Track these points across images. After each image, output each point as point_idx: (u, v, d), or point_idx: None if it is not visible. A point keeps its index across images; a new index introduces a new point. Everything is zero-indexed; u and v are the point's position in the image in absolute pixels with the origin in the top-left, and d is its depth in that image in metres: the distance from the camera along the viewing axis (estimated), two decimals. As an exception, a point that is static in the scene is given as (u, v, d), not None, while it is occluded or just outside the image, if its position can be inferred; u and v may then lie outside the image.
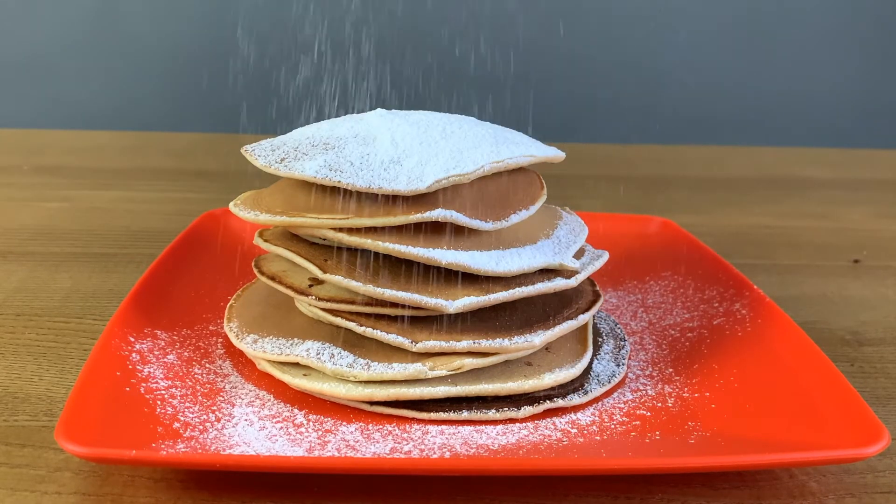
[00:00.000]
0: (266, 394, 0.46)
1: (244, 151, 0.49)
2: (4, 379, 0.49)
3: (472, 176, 0.44)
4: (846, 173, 1.10)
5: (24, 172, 0.96)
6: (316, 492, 0.40)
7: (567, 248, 0.48)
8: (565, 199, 0.60)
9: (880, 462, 0.43)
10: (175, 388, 0.45)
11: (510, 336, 0.45)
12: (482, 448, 0.42)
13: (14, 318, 0.57)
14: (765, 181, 1.05)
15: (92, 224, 0.78)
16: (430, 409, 0.44)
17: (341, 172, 0.44)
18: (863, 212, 0.92)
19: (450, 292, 0.44)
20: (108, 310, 0.57)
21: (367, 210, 0.44)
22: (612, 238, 0.62)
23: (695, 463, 0.41)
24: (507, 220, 0.46)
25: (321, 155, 0.45)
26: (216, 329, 0.53)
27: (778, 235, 0.83)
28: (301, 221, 0.45)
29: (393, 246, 0.43)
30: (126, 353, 0.47)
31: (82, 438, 0.37)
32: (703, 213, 0.89)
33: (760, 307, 0.54)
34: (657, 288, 0.62)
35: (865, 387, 0.52)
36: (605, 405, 0.47)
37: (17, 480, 0.40)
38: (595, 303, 0.50)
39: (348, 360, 0.45)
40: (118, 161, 1.04)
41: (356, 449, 0.41)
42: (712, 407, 0.46)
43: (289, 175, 0.45)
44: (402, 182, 0.43)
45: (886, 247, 0.80)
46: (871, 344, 0.58)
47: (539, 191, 0.49)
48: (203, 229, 0.66)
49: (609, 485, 0.41)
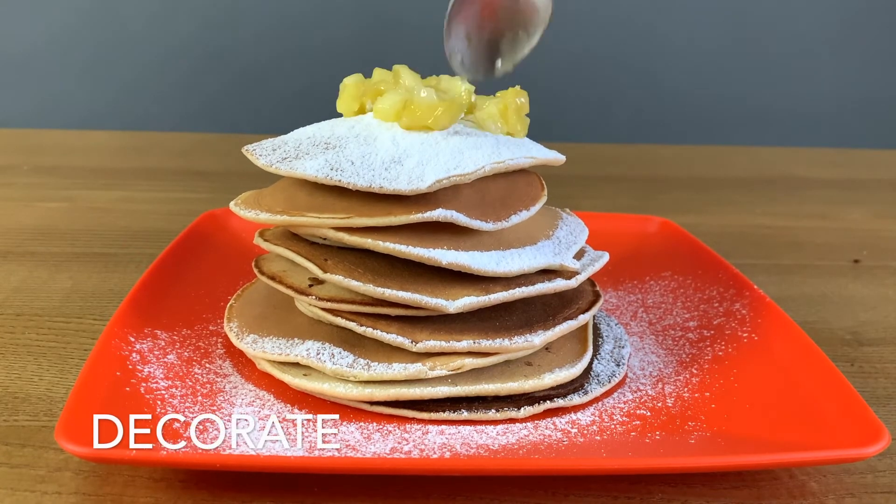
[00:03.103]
0: (266, 394, 0.46)
1: (245, 151, 0.49)
2: (4, 379, 0.49)
3: (472, 176, 0.44)
4: (846, 173, 1.10)
5: (23, 172, 0.96)
6: (316, 492, 0.40)
7: (567, 248, 0.48)
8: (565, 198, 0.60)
9: (880, 462, 0.43)
10: (175, 388, 0.45)
11: (510, 336, 0.45)
12: (482, 448, 0.42)
13: (14, 318, 0.57)
14: (765, 181, 1.05)
15: (92, 224, 0.78)
16: (430, 409, 0.44)
17: (342, 171, 0.44)
18: (863, 212, 0.92)
19: (450, 292, 0.44)
20: (108, 310, 0.57)
21: (368, 210, 0.44)
22: (612, 238, 0.62)
23: (695, 463, 0.41)
24: (508, 221, 0.46)
25: (322, 154, 0.45)
26: (216, 329, 0.53)
27: (778, 235, 0.83)
28: (301, 220, 0.45)
29: (393, 246, 0.43)
30: (126, 353, 0.47)
31: (82, 438, 0.37)
32: (703, 213, 0.89)
33: (760, 307, 0.54)
34: (657, 288, 0.62)
35: (865, 387, 0.52)
36: (605, 405, 0.47)
37: (17, 480, 0.40)
38: (595, 303, 0.50)
39: (348, 360, 0.45)
40: (118, 161, 1.04)
41: (356, 449, 0.41)
42: (712, 407, 0.46)
43: (290, 174, 0.45)
44: (402, 182, 0.43)
45: (886, 247, 0.80)
46: (871, 344, 0.58)
47: (539, 192, 0.49)
48: (203, 229, 0.66)
49: (609, 485, 0.41)
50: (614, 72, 1.24)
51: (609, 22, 1.22)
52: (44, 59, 1.21)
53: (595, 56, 1.23)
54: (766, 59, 1.25)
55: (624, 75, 1.25)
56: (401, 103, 0.46)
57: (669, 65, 1.25)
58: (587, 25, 1.22)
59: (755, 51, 1.24)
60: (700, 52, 1.24)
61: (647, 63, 1.24)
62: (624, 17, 1.22)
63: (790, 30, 1.24)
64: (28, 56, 1.21)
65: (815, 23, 1.23)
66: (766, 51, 1.24)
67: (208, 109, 1.25)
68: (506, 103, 0.47)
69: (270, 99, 1.25)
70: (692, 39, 1.24)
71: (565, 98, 1.23)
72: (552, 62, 1.22)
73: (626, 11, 1.22)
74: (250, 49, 1.23)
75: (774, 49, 1.24)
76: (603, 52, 1.23)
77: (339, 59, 1.21)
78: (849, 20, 1.23)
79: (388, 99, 0.46)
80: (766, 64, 1.25)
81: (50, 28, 1.20)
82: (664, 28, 1.23)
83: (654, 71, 1.25)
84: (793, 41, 1.24)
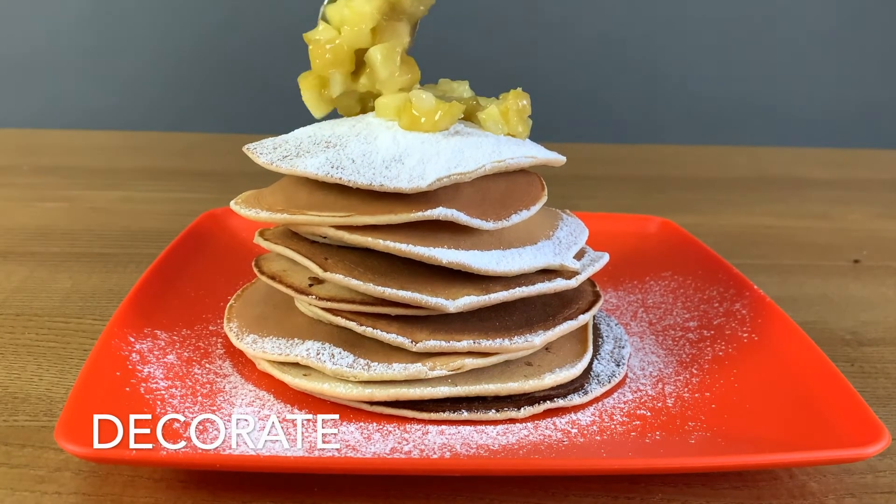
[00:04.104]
0: (266, 394, 0.46)
1: (246, 150, 0.49)
2: (4, 379, 0.49)
3: (473, 175, 0.44)
4: (846, 173, 1.10)
5: (23, 172, 0.96)
6: (316, 492, 0.40)
7: (567, 248, 0.48)
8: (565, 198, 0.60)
9: (880, 462, 0.43)
10: (175, 388, 0.45)
11: (510, 336, 0.45)
12: (482, 448, 0.42)
13: (14, 318, 0.57)
14: (765, 181, 1.05)
15: (92, 224, 0.78)
16: (430, 409, 0.44)
17: (343, 170, 0.44)
18: (863, 212, 0.92)
19: (450, 291, 0.44)
20: (108, 310, 0.57)
21: (368, 208, 0.44)
22: (612, 238, 0.62)
23: (695, 463, 0.41)
24: (508, 220, 0.46)
25: (322, 153, 0.45)
26: (216, 329, 0.53)
27: (778, 235, 0.83)
28: (302, 219, 0.45)
29: (394, 244, 0.43)
30: (126, 353, 0.47)
31: (82, 438, 0.37)
32: (703, 213, 0.89)
33: (760, 307, 0.54)
34: (657, 288, 0.62)
35: (865, 387, 0.52)
36: (605, 405, 0.47)
37: (17, 480, 0.40)
38: (595, 303, 0.50)
39: (348, 360, 0.45)
40: (118, 161, 1.04)
41: (356, 449, 0.41)
42: (712, 407, 0.46)
43: (290, 172, 0.45)
44: (403, 180, 0.43)
45: (886, 247, 0.80)
46: (871, 344, 0.58)
47: (540, 192, 0.49)
48: (203, 229, 0.66)
49: (609, 485, 0.41)
50: (615, 72, 1.24)
51: (609, 22, 1.22)
52: (44, 59, 1.21)
53: (595, 56, 1.23)
54: (766, 59, 1.25)
55: (624, 75, 1.25)
56: (403, 99, 0.46)
57: (670, 65, 1.25)
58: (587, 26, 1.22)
59: (756, 51, 1.24)
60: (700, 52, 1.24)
61: (647, 63, 1.24)
62: (624, 18, 1.22)
63: (791, 30, 1.23)
64: (28, 56, 1.21)
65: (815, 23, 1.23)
66: (766, 51, 1.24)
67: (208, 109, 1.25)
68: (507, 105, 0.47)
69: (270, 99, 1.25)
70: (692, 39, 1.24)
71: (565, 98, 1.23)
72: (552, 62, 1.22)
73: (627, 12, 1.22)
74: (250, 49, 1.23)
75: (775, 49, 1.24)
76: (603, 52, 1.23)
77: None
78: (849, 20, 1.23)
79: (392, 97, 0.47)
80: (767, 64, 1.25)
81: (50, 28, 1.20)
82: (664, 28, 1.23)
83: (655, 71, 1.25)
84: (793, 41, 1.24)
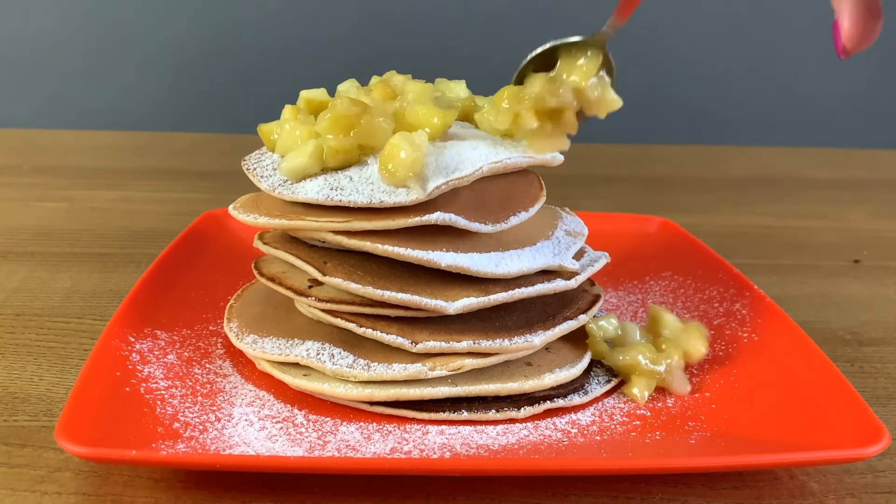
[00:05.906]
0: (266, 394, 0.46)
1: (247, 171, 0.48)
2: (4, 379, 0.49)
3: (471, 178, 0.44)
4: (846, 173, 1.10)
5: (23, 172, 0.96)
6: (316, 492, 0.40)
7: (567, 249, 0.48)
8: (565, 198, 0.60)
9: (880, 462, 0.43)
10: (175, 388, 0.45)
11: (510, 336, 0.45)
12: (482, 448, 0.42)
13: (14, 318, 0.57)
14: (765, 181, 1.05)
15: (91, 224, 0.78)
16: (430, 409, 0.44)
17: (342, 190, 0.44)
18: (863, 212, 0.92)
19: (449, 293, 0.44)
20: (108, 310, 0.57)
21: (367, 213, 0.44)
22: (612, 238, 0.62)
23: (695, 463, 0.41)
24: (507, 222, 0.46)
25: (320, 172, 0.45)
26: (216, 329, 0.53)
27: (778, 235, 0.83)
28: (300, 224, 0.45)
29: (392, 248, 0.43)
30: (126, 353, 0.47)
31: (82, 438, 0.37)
32: (703, 213, 0.89)
33: (760, 307, 0.54)
34: (657, 288, 0.62)
35: (865, 387, 0.52)
36: (605, 405, 0.47)
37: (17, 480, 0.40)
38: (595, 303, 0.50)
39: (348, 360, 0.45)
40: (118, 161, 1.04)
41: (356, 449, 0.41)
42: (712, 407, 0.46)
43: (293, 199, 0.45)
44: (402, 193, 0.43)
45: (886, 247, 0.80)
46: (871, 344, 0.58)
47: (538, 192, 0.49)
48: (203, 229, 0.66)
49: (609, 485, 0.41)
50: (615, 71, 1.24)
51: (609, 22, 1.22)
52: (44, 59, 1.21)
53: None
54: (766, 59, 1.25)
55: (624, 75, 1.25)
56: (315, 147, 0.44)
57: (670, 65, 1.25)
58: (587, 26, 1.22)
59: (755, 51, 1.24)
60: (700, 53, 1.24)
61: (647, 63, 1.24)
62: (624, 17, 1.22)
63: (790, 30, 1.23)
64: (28, 56, 1.21)
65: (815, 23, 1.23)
66: (766, 51, 1.24)
67: (208, 109, 1.25)
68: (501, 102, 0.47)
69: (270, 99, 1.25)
70: (692, 39, 1.24)
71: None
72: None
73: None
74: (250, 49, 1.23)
75: (774, 49, 1.24)
76: (603, 52, 1.23)
77: (339, 58, 1.21)
78: (849, 20, 1.23)
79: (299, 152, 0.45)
80: (767, 64, 1.25)
81: (50, 28, 1.20)
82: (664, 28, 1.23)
83: (655, 71, 1.25)
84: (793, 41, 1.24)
